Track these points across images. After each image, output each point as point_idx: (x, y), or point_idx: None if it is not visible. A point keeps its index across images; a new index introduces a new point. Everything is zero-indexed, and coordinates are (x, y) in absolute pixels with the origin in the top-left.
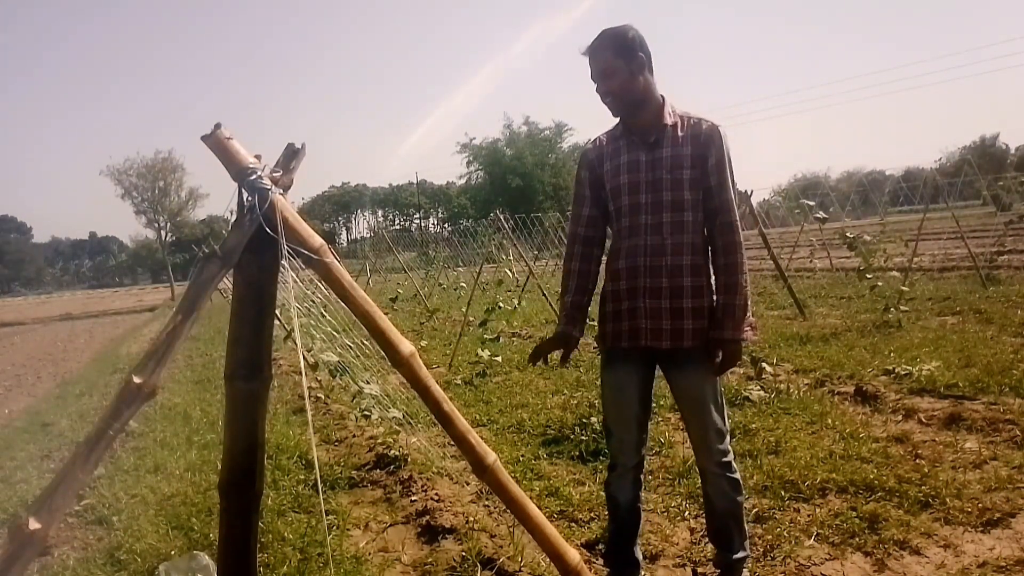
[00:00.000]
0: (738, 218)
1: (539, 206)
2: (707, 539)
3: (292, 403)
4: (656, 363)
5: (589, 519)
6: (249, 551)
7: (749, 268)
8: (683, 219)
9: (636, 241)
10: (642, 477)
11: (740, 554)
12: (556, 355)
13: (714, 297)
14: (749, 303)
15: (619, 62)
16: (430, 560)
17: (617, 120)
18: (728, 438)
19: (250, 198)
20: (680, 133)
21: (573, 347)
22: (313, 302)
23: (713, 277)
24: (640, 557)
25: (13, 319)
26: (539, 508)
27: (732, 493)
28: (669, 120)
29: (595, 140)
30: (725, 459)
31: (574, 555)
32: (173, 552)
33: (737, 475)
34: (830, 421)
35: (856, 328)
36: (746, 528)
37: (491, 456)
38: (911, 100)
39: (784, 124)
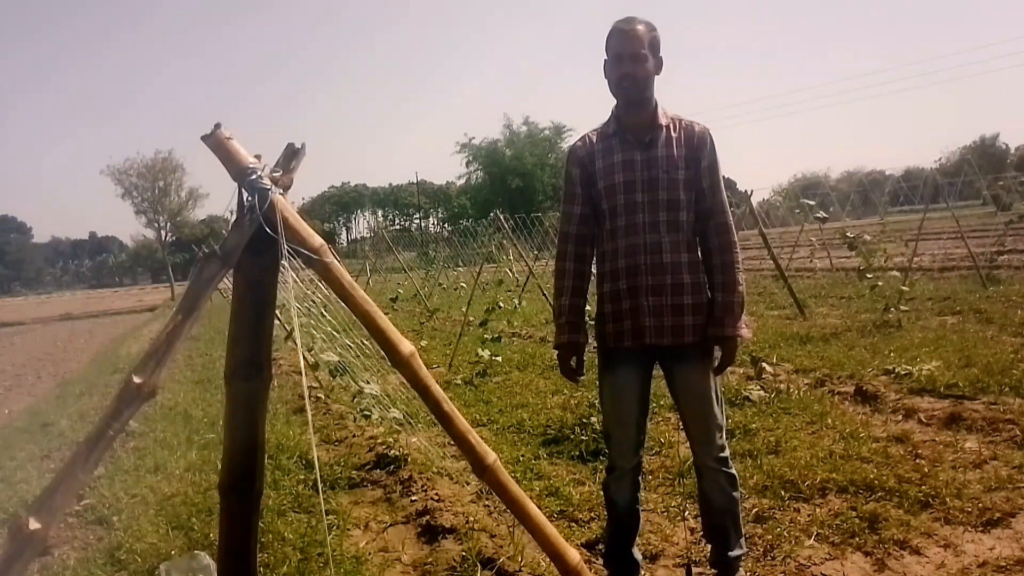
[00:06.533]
0: (731, 218)
1: (539, 206)
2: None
3: (292, 403)
4: (655, 362)
5: (589, 519)
6: (249, 551)
7: (749, 268)
8: (678, 218)
9: (634, 240)
10: (640, 479)
11: (737, 551)
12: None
13: (710, 294)
14: (745, 301)
15: (649, 52)
16: (430, 560)
17: (609, 116)
18: (726, 434)
19: (250, 198)
20: (673, 134)
21: (583, 352)
22: (313, 302)
23: (708, 275)
24: (639, 557)
25: (13, 319)
26: (539, 508)
27: (729, 489)
28: (663, 121)
29: (584, 137)
30: (723, 454)
31: (574, 555)
32: (173, 552)
33: (733, 470)
34: (830, 421)
35: (856, 328)
36: (742, 526)
37: (491, 456)
38: (911, 100)
39: (784, 123)
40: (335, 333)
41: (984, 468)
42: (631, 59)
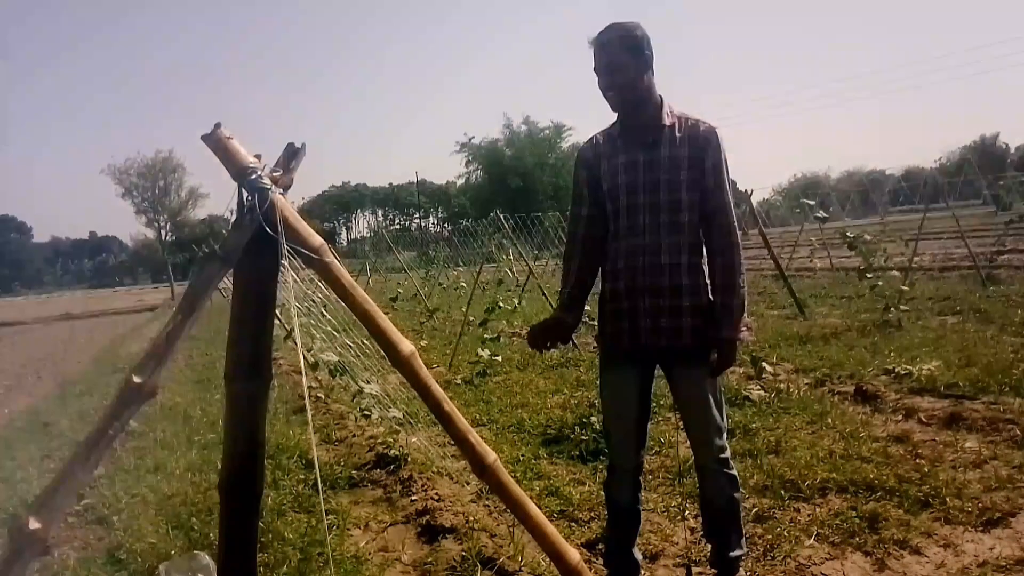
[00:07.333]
0: (735, 219)
1: (539, 206)
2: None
3: (292, 403)
4: (656, 363)
5: (589, 519)
6: (249, 551)
7: (749, 268)
8: (680, 220)
9: (635, 241)
10: (641, 479)
11: (737, 551)
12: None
13: (711, 296)
14: (746, 303)
15: (627, 57)
16: (430, 560)
17: (615, 118)
18: (726, 435)
19: (250, 198)
20: (678, 134)
21: (567, 333)
22: (313, 302)
23: (709, 277)
24: (640, 557)
25: (13, 319)
26: (539, 508)
27: (730, 490)
28: (667, 121)
29: (592, 139)
30: (723, 455)
31: (574, 555)
32: (173, 552)
33: (735, 471)
34: (830, 421)
35: (856, 328)
36: (743, 526)
37: (491, 456)
38: (911, 100)
39: (784, 123)
40: (335, 333)
41: (984, 468)
42: (608, 70)
